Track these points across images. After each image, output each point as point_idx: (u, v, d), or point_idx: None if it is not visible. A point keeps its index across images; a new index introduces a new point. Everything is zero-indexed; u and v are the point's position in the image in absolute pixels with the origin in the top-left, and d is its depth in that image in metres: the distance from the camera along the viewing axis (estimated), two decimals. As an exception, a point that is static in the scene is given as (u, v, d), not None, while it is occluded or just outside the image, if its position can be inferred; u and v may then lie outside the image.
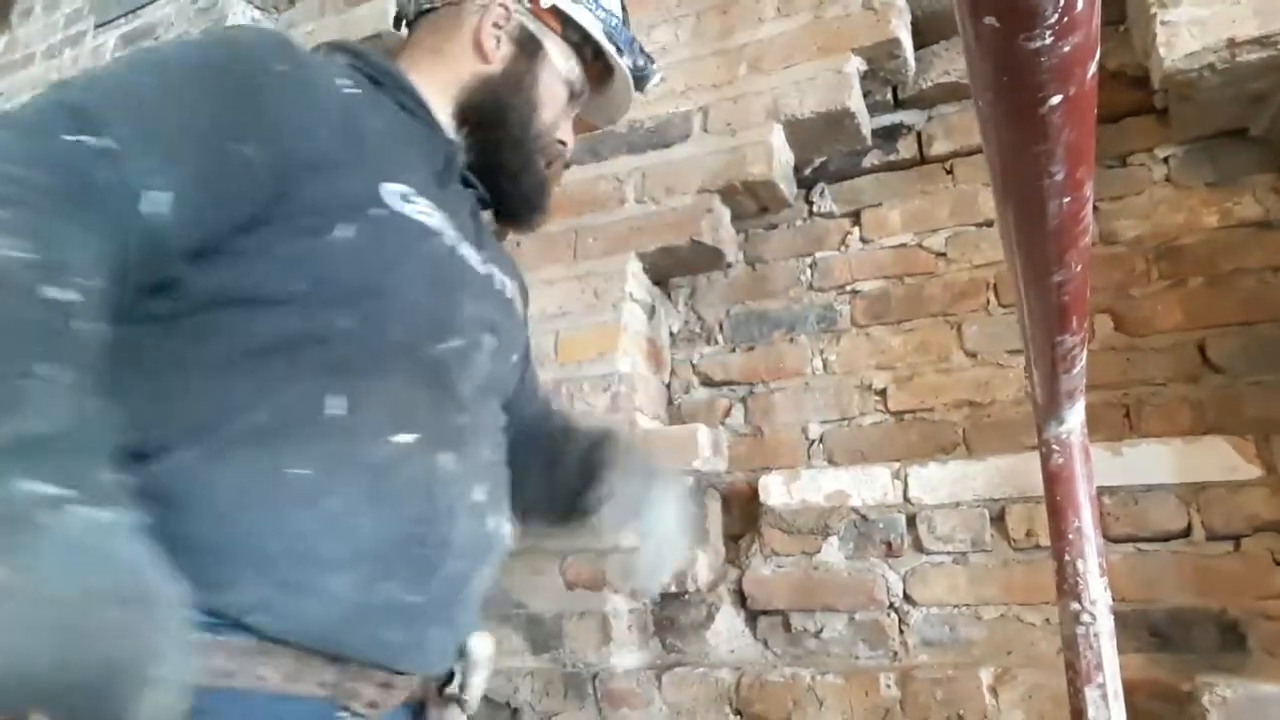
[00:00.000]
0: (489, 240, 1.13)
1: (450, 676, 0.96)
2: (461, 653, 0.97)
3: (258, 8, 2.67)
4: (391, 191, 0.91)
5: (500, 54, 1.09)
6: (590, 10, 1.11)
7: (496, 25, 1.09)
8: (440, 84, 1.09)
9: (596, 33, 1.11)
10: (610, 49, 1.13)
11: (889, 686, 1.46)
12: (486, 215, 1.18)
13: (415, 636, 0.86)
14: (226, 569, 0.77)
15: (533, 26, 1.10)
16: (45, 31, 3.13)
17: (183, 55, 0.88)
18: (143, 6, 2.83)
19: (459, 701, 0.96)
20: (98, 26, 2.95)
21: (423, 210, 0.94)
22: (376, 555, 0.83)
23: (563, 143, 1.16)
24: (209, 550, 0.76)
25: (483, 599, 0.99)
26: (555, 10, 1.09)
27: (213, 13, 2.63)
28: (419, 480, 0.87)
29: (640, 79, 1.20)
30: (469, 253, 1.01)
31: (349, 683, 0.82)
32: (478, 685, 0.95)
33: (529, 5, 1.09)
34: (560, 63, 1.11)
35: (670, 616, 1.79)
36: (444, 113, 1.08)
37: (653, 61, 1.22)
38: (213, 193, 0.80)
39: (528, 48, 1.10)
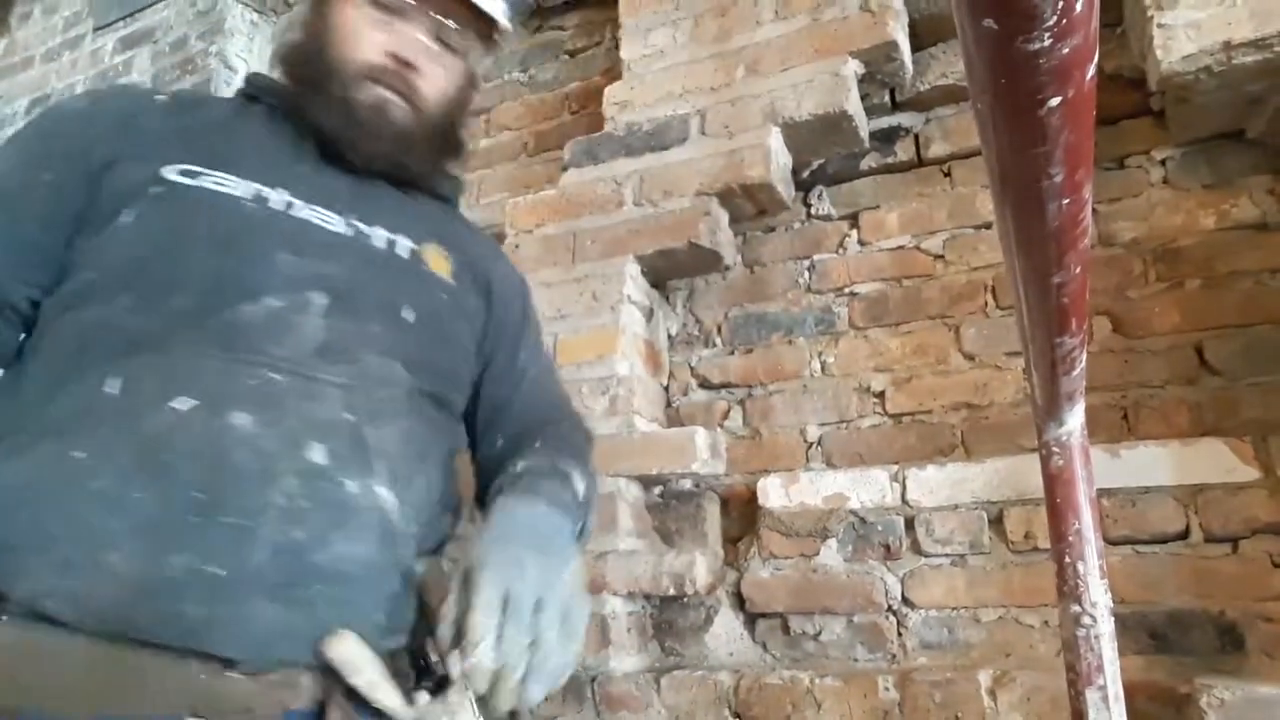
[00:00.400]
0: (378, 204, 1.08)
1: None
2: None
3: (255, 10, 2.67)
4: (172, 169, 0.96)
5: (301, 15, 1.13)
6: None
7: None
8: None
9: None
10: None
11: (887, 689, 1.46)
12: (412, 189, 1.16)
13: (227, 612, 0.81)
14: (18, 559, 0.78)
15: None
16: (44, 34, 3.14)
17: (16, 131, 1.05)
18: (141, 10, 2.83)
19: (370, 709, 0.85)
20: (97, 30, 2.95)
21: (218, 181, 0.96)
22: (158, 526, 0.80)
23: (399, 58, 1.08)
24: (7, 544, 0.79)
25: (377, 577, 0.88)
26: None
27: (211, 16, 2.64)
28: (203, 444, 0.84)
29: None
30: (313, 214, 1.01)
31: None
32: (372, 688, 0.83)
33: None
34: None
35: (669, 619, 1.79)
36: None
37: None
38: (26, 221, 0.95)
39: None
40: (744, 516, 1.83)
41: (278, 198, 0.99)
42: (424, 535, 0.98)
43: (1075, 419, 0.97)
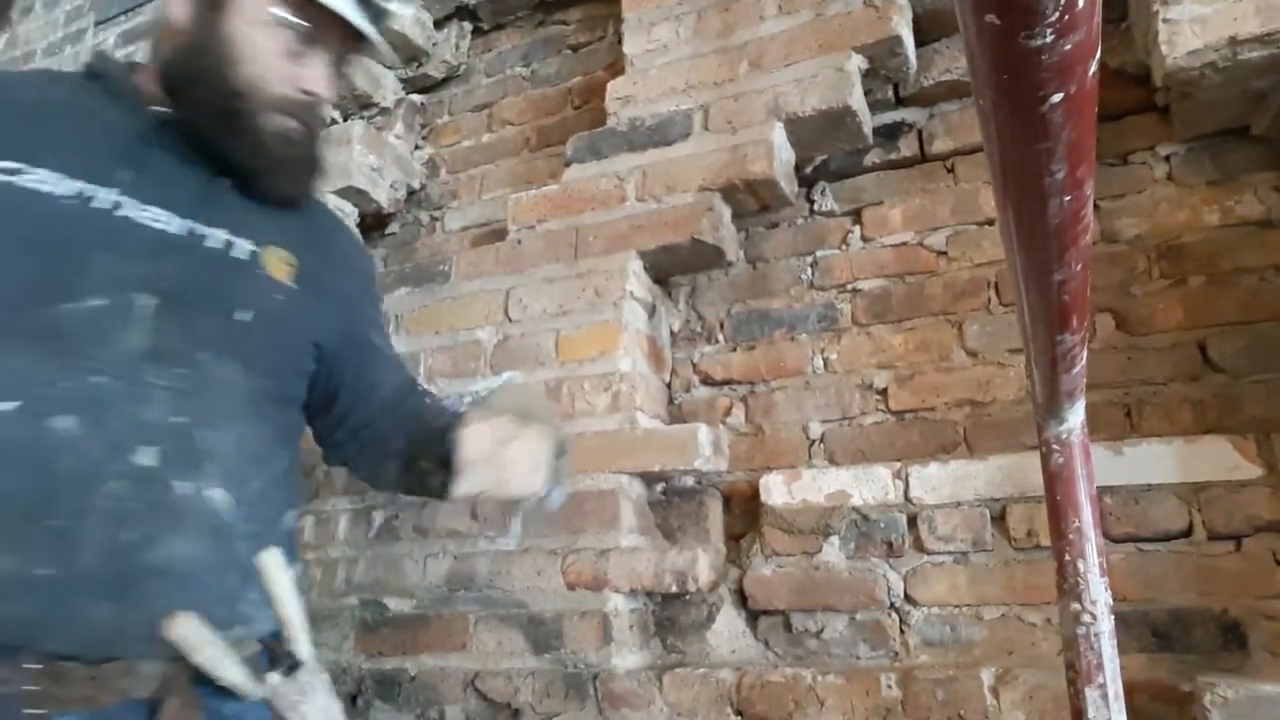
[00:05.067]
0: (225, 206, 1.08)
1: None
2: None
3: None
4: None
5: (187, 15, 1.06)
6: None
7: None
8: (154, 62, 1.10)
9: None
10: None
11: (890, 687, 1.45)
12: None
13: (54, 611, 0.83)
14: None
15: None
16: (45, 29, 3.13)
17: None
18: (143, 4, 2.83)
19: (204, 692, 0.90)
20: (98, 24, 2.95)
21: (38, 179, 0.95)
22: None
23: (309, 93, 1.08)
24: None
25: (208, 575, 0.93)
26: None
27: (213, 11, 2.63)
28: (23, 448, 0.85)
29: (370, 5, 1.11)
30: (142, 214, 0.99)
31: (19, 681, 0.81)
32: (215, 661, 0.89)
33: None
34: (256, 9, 1.04)
35: (671, 617, 1.79)
36: (155, 88, 1.08)
37: None
38: None
39: (211, 2, 1.05)
40: (746, 513, 1.83)
41: (104, 197, 0.97)
42: (262, 533, 1.00)
43: (1075, 416, 0.97)
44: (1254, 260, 1.58)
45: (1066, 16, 0.39)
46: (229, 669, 0.90)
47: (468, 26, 2.58)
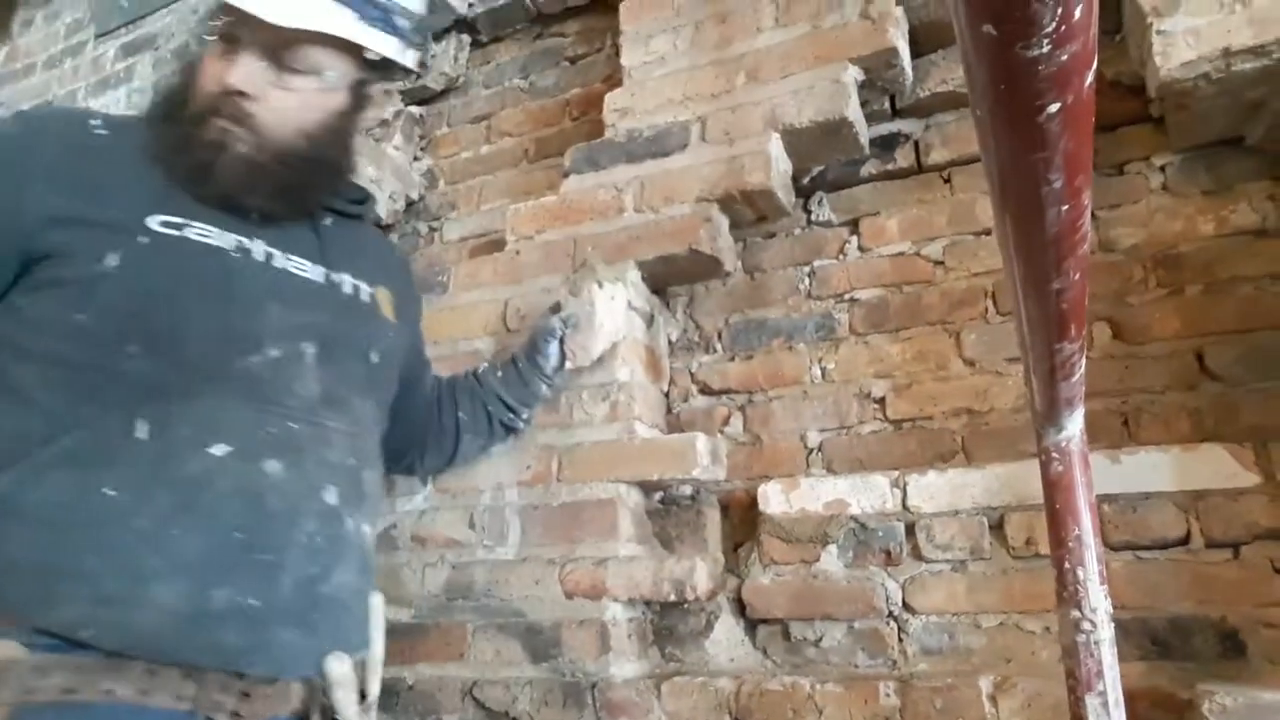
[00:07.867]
0: (340, 249, 1.15)
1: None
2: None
3: (257, 18, 2.67)
4: (157, 220, 0.97)
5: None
6: None
7: None
8: None
9: None
10: None
11: (888, 695, 1.45)
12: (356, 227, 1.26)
13: (258, 639, 0.90)
14: (49, 587, 0.82)
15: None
16: (46, 41, 3.14)
17: None
18: (143, 16, 2.83)
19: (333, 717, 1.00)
20: (98, 36, 2.95)
21: (202, 232, 0.99)
22: (203, 563, 0.87)
23: (240, 92, 1.04)
24: (31, 570, 0.82)
25: (355, 602, 1.05)
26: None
27: (212, 23, 2.64)
28: (241, 488, 0.92)
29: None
30: (289, 262, 1.05)
31: (209, 694, 0.86)
32: (344, 702, 0.99)
33: None
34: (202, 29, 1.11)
35: (669, 625, 1.79)
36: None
37: None
38: None
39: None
40: (744, 522, 1.83)
41: (257, 248, 1.03)
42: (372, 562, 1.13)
43: (1074, 425, 0.98)
44: (1250, 269, 1.59)
45: (1063, 27, 0.39)
46: (350, 708, 1.00)
47: (466, 39, 2.59)
